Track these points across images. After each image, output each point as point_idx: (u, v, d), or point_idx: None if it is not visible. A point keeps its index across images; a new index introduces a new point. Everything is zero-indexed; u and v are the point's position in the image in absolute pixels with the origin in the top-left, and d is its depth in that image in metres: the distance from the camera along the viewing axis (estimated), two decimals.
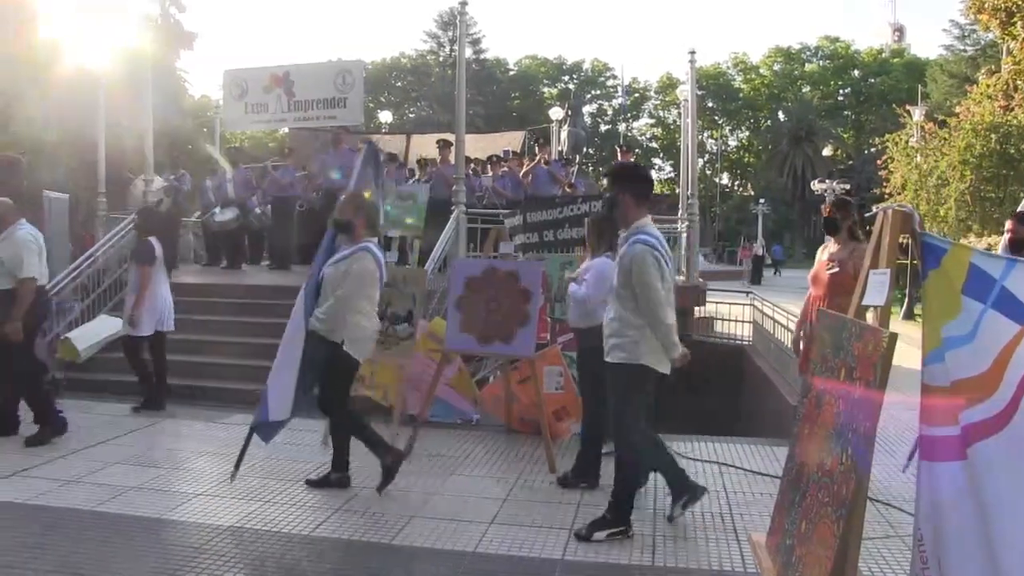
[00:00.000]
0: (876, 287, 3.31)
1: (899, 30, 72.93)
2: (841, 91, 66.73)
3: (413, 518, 5.03)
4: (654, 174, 65.03)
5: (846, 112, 66.25)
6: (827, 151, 45.53)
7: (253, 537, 4.67)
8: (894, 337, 2.91)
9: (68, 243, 13.72)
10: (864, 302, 3.42)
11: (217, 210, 13.60)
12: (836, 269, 5.63)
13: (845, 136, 62.81)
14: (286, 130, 24.37)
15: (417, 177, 13.46)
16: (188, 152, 25.82)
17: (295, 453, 6.49)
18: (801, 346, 5.91)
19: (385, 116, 46.84)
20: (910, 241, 3.19)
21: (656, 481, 5.86)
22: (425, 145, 18.65)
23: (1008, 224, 6.30)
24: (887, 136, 21.17)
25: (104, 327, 9.62)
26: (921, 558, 2.89)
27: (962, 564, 2.76)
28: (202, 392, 8.58)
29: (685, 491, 5.03)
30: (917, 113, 21.15)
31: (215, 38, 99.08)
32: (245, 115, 12.00)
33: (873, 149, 33.85)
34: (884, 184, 20.02)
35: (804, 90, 66.15)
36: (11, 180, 9.94)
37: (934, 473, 2.86)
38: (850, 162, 57.88)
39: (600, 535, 4.72)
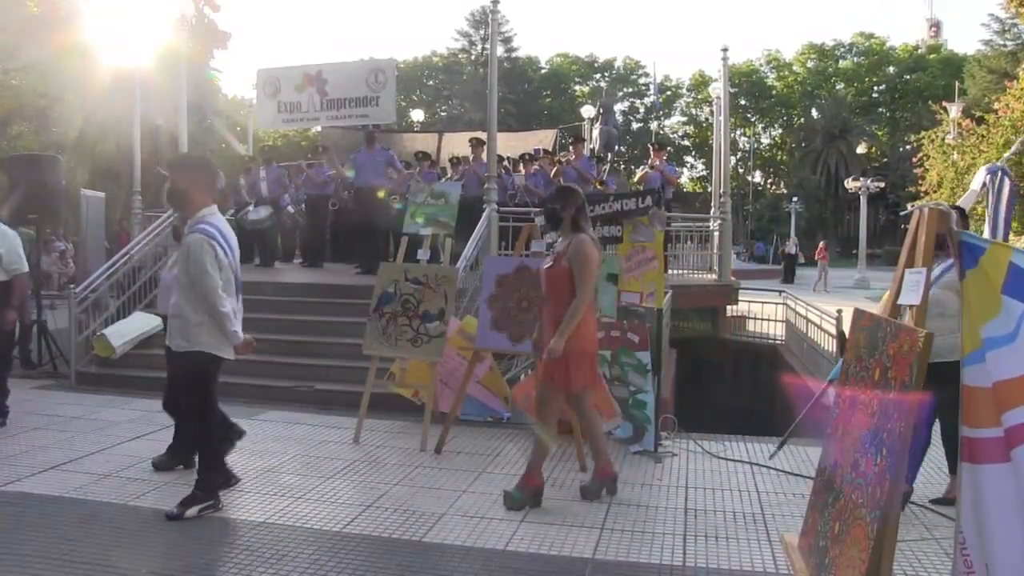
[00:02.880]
0: (911, 286, 3.26)
1: (935, 26, 72.16)
2: (876, 88, 65.88)
3: (444, 515, 5.04)
4: (686, 172, 65.20)
5: (881, 109, 65.42)
6: (861, 148, 45.01)
7: (285, 533, 4.70)
8: (930, 337, 2.87)
9: (104, 241, 13.91)
10: (899, 301, 3.38)
11: (251, 208, 13.73)
12: (549, 264, 5.32)
13: (879, 133, 62.07)
14: (319, 129, 24.52)
15: (449, 175, 13.50)
16: (221, 151, 26.08)
17: (327, 450, 6.54)
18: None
19: (417, 114, 46.98)
20: (947, 240, 3.14)
21: (687, 479, 5.84)
22: (457, 143, 18.69)
23: None
24: (923, 133, 20.92)
25: (140, 324, 9.75)
26: (965, 562, 2.84)
27: (1010, 568, 2.71)
28: (234, 388, 8.62)
29: (209, 496, 5.04)
30: (954, 110, 20.84)
31: (249, 38, 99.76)
32: (278, 114, 12.07)
33: (908, 146, 33.44)
34: (919, 182, 19.79)
35: (838, 87, 65.41)
36: (51, 179, 10.12)
37: (977, 475, 2.81)
38: (884, 160, 57.26)
39: (192, 511, 4.85)
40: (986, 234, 7.55)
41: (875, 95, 65.90)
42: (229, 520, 4.91)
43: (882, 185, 32.12)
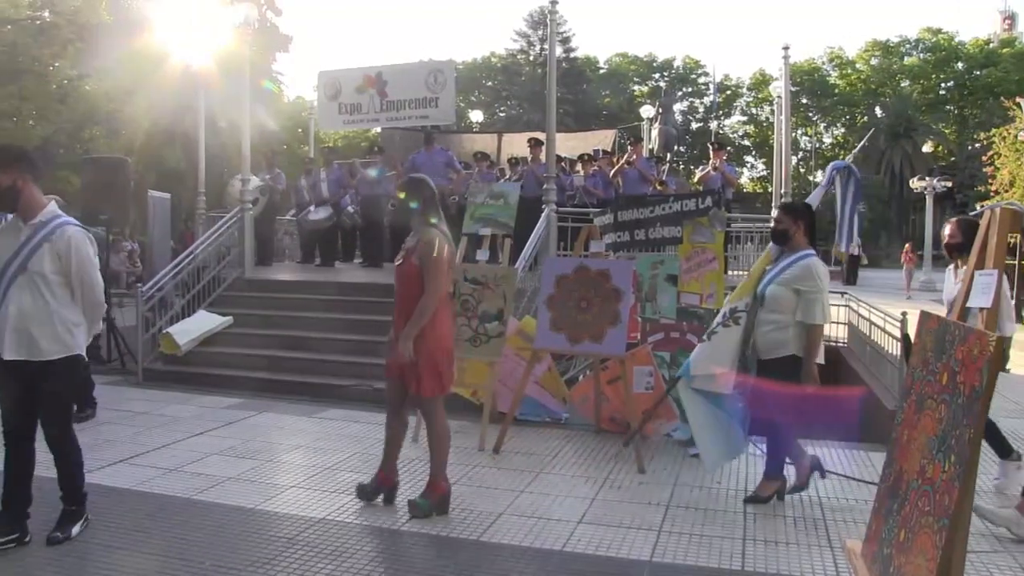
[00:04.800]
0: (982, 288, 3.18)
1: (1009, 18, 69.64)
2: (943, 85, 64.16)
3: (501, 515, 5.06)
4: (746, 172, 64.26)
5: (948, 107, 63.68)
6: (927, 147, 43.93)
7: (344, 530, 4.76)
8: (1000, 340, 2.80)
9: (170, 241, 14.24)
10: (969, 304, 3.29)
11: (311, 209, 13.91)
12: (399, 260, 5.08)
13: (947, 132, 60.47)
14: (379, 130, 24.76)
15: (508, 176, 13.53)
16: (283, 152, 26.47)
17: None
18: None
19: (476, 115, 47.21)
20: (1020, 240, 3.06)
21: (746, 482, 5.77)
22: (516, 144, 18.72)
23: None
24: (993, 131, 20.34)
25: (204, 322, 9.96)
26: None
27: None
28: (296, 387, 8.78)
29: (84, 507, 4.69)
30: None
31: (309, 40, 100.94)
32: (339, 115, 12.24)
33: (978, 145, 32.50)
34: (989, 181, 19.26)
35: (903, 85, 63.89)
36: (119, 180, 10.39)
37: None
38: (952, 159, 55.75)
39: (76, 529, 4.58)
40: (841, 234, 7.48)
41: (942, 92, 64.20)
42: (289, 516, 4.98)
43: (949, 185, 31.27)
